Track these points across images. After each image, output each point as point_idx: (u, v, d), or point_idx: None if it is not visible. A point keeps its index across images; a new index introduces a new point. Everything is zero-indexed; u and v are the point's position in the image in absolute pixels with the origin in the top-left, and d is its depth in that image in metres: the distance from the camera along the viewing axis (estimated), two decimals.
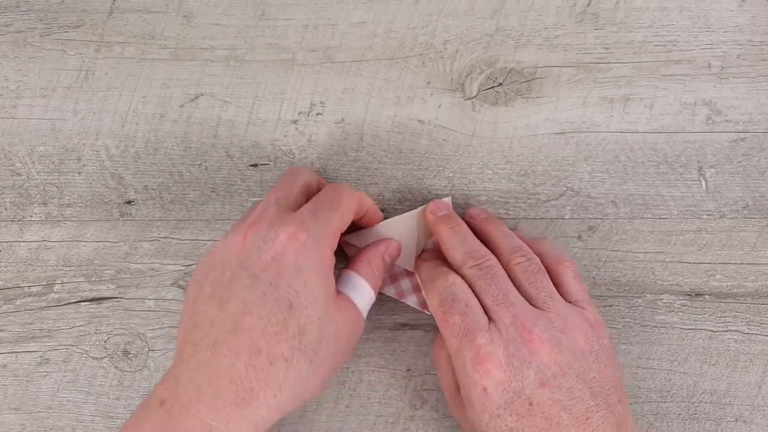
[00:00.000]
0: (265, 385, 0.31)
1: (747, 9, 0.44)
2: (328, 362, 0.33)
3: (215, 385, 0.31)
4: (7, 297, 0.42)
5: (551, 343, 0.33)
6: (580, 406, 0.32)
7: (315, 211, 0.34)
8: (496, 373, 0.33)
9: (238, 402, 0.31)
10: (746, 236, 0.42)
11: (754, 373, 0.41)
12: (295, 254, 0.32)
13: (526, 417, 0.33)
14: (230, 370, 0.31)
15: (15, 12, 0.44)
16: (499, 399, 0.33)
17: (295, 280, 0.32)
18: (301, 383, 0.32)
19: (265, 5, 0.44)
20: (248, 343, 0.31)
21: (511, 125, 0.43)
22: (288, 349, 0.32)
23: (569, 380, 0.33)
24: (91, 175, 0.43)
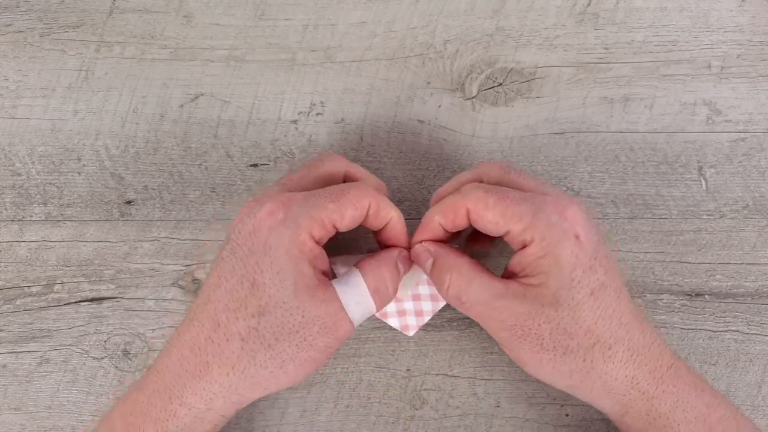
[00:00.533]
0: (220, 361, 0.32)
1: (747, 9, 0.44)
2: (293, 354, 0.32)
3: (180, 353, 0.32)
4: (7, 297, 0.42)
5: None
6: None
7: (310, 195, 0.33)
8: (582, 218, 0.32)
9: (195, 373, 0.32)
10: (746, 236, 0.42)
11: (754, 373, 0.41)
12: (269, 231, 0.32)
13: (609, 270, 0.33)
14: (194, 339, 0.32)
15: (15, 12, 0.44)
16: (589, 247, 0.32)
17: (263, 258, 0.31)
18: (257, 369, 0.32)
19: (265, 5, 0.44)
20: (212, 315, 0.32)
21: (511, 125, 0.43)
22: (245, 328, 0.31)
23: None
24: (91, 175, 0.43)
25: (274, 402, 0.41)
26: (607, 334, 0.32)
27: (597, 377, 0.33)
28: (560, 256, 0.32)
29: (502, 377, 0.42)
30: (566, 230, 0.32)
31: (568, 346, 0.32)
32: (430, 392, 0.41)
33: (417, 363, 0.42)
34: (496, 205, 0.32)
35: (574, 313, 0.32)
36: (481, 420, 0.41)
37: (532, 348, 0.33)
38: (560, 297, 0.32)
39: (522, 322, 0.33)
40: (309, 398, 0.41)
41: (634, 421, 0.34)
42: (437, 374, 0.42)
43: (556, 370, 0.33)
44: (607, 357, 0.32)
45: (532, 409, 0.41)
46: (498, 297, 0.33)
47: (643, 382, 0.33)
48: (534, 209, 0.32)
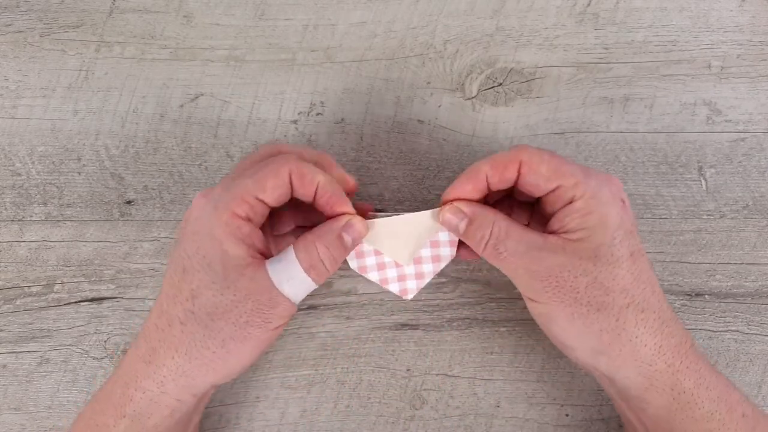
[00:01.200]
0: (165, 345, 0.33)
1: (747, 9, 0.44)
2: (231, 332, 0.32)
3: (136, 342, 0.34)
4: (7, 297, 0.42)
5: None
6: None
7: (233, 177, 0.34)
8: (620, 188, 0.34)
9: (146, 358, 0.33)
10: (746, 236, 0.42)
11: (754, 373, 0.41)
12: (194, 219, 0.33)
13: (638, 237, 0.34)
14: (145, 328, 0.34)
15: (15, 12, 0.44)
16: (632, 214, 0.34)
17: (190, 245, 0.33)
18: (200, 349, 0.32)
19: (265, 5, 0.44)
20: (158, 304, 0.34)
21: (511, 125, 0.43)
22: (182, 312, 0.32)
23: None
24: (91, 175, 0.43)
25: (274, 402, 0.41)
26: (641, 297, 0.33)
27: (627, 340, 0.33)
28: (607, 215, 0.33)
29: (502, 377, 0.42)
30: (614, 193, 0.33)
31: (603, 302, 0.32)
32: (430, 392, 0.41)
33: (417, 363, 0.42)
34: (551, 160, 0.33)
35: (612, 269, 0.32)
36: (481, 420, 0.41)
37: (565, 300, 0.33)
38: (600, 252, 0.32)
39: (558, 273, 0.33)
40: (309, 398, 0.41)
41: (657, 397, 0.33)
42: (437, 374, 0.42)
43: (586, 327, 0.33)
44: (639, 320, 0.32)
45: (532, 409, 0.41)
46: (536, 248, 0.33)
47: (668, 353, 0.33)
48: (584, 171, 0.34)
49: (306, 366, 0.41)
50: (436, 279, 0.42)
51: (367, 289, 0.42)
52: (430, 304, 0.42)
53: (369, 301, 0.42)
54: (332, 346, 0.42)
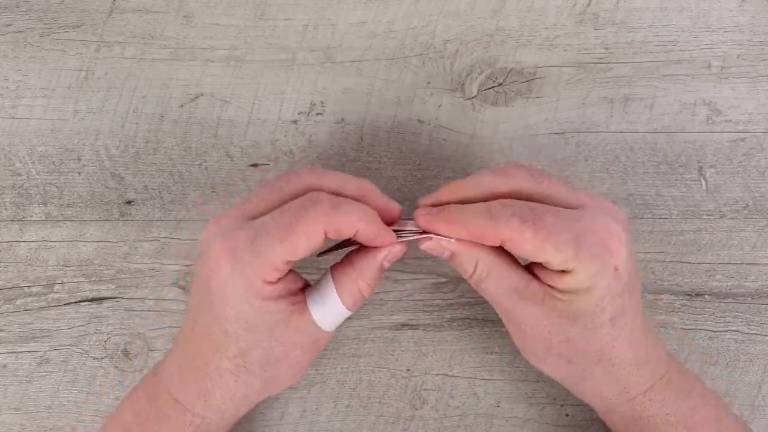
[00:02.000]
0: (220, 390, 0.33)
1: (747, 9, 0.44)
2: (284, 372, 0.34)
3: (183, 375, 0.33)
4: (7, 297, 0.42)
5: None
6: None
7: (257, 235, 0.30)
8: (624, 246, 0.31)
9: (201, 394, 0.33)
10: (746, 236, 0.42)
11: (754, 373, 0.41)
12: (221, 282, 0.31)
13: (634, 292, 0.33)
14: (191, 366, 0.33)
15: (15, 12, 0.44)
16: (624, 276, 0.31)
17: (226, 309, 0.31)
18: (256, 392, 0.34)
19: (265, 5, 0.44)
20: (199, 350, 0.33)
21: (511, 125, 0.43)
22: (233, 366, 0.32)
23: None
24: (91, 175, 0.43)
25: (274, 402, 0.41)
26: (612, 354, 0.33)
27: (591, 385, 0.34)
28: (595, 287, 0.31)
29: (502, 377, 0.42)
30: (606, 262, 0.31)
31: (573, 358, 0.33)
32: (430, 392, 0.41)
33: (417, 363, 0.42)
34: (534, 239, 0.30)
35: (589, 333, 0.32)
36: (481, 420, 0.41)
37: (537, 346, 0.34)
38: (580, 317, 0.32)
39: (534, 323, 0.33)
40: (309, 398, 0.41)
41: (618, 419, 0.35)
42: (437, 374, 0.42)
43: (555, 370, 0.35)
44: (606, 371, 0.33)
45: (532, 409, 0.41)
46: (515, 292, 0.33)
47: (633, 391, 0.34)
48: (575, 239, 0.30)
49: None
50: (436, 279, 0.42)
51: None
52: (430, 304, 0.42)
53: (369, 301, 0.42)
54: (332, 346, 0.42)
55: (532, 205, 0.31)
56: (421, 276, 0.42)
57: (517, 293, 0.33)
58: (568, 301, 0.31)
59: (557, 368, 0.34)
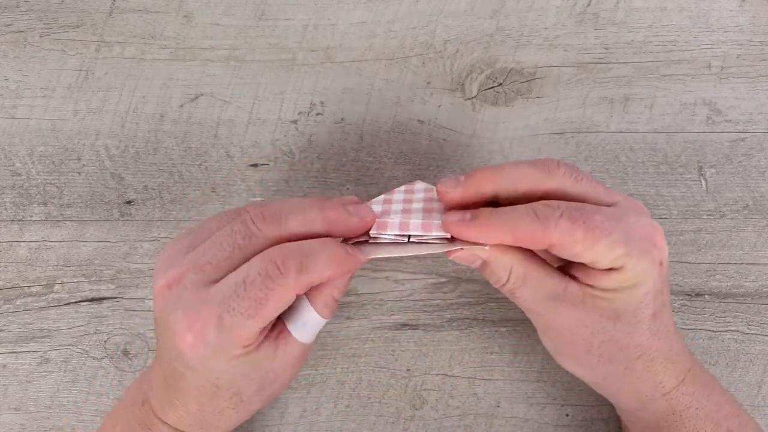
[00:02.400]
0: (220, 420, 0.33)
1: (747, 9, 0.44)
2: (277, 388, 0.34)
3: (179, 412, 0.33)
4: (7, 297, 0.42)
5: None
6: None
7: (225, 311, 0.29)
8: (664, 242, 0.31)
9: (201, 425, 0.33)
10: (746, 236, 0.42)
11: (754, 373, 0.41)
12: (197, 359, 0.30)
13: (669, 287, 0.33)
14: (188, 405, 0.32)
15: (15, 12, 0.44)
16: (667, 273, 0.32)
17: (210, 372, 0.31)
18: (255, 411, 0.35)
19: (265, 5, 0.44)
20: (191, 397, 0.32)
21: (511, 125, 0.43)
22: (231, 404, 0.32)
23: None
24: (91, 175, 0.43)
25: (274, 402, 0.41)
26: (653, 348, 0.33)
27: (629, 382, 0.33)
28: (642, 284, 0.31)
29: (502, 377, 0.42)
30: (655, 258, 0.31)
31: (615, 356, 0.32)
32: (430, 392, 0.41)
33: (417, 363, 0.42)
34: (585, 239, 0.29)
35: (631, 329, 0.32)
36: (481, 420, 0.41)
37: (577, 349, 0.33)
38: (623, 314, 0.31)
39: (574, 327, 0.32)
40: (309, 398, 0.41)
41: (648, 415, 0.35)
42: (437, 374, 0.42)
43: (592, 371, 0.34)
44: (646, 367, 0.33)
45: (532, 409, 0.41)
46: (554, 298, 0.32)
47: (667, 385, 0.34)
48: (625, 238, 0.30)
49: (306, 366, 0.41)
50: (436, 279, 0.42)
51: (367, 289, 0.42)
52: (430, 304, 0.42)
53: (369, 301, 0.42)
54: (332, 346, 0.42)
55: (578, 205, 0.30)
56: (421, 276, 0.42)
57: (556, 298, 0.32)
58: (610, 299, 0.31)
59: (596, 370, 0.33)
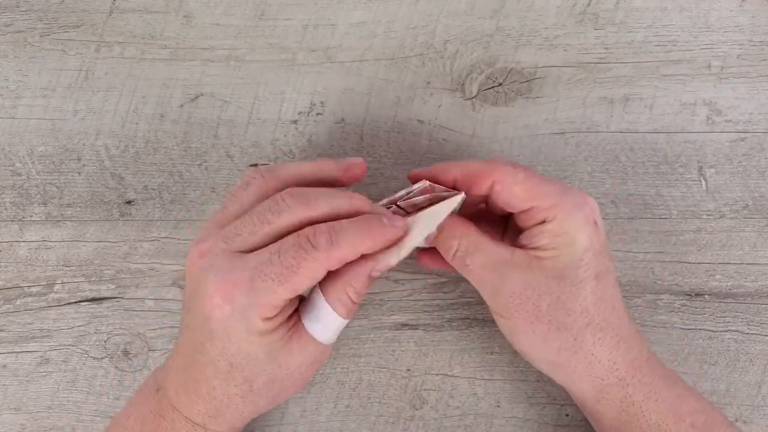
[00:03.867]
0: (228, 410, 0.33)
1: (747, 9, 0.44)
2: (289, 385, 0.34)
3: (191, 396, 0.33)
4: (7, 297, 0.42)
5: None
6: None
7: (257, 275, 0.30)
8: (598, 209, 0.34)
9: (211, 414, 0.33)
10: (746, 236, 0.42)
11: (754, 373, 0.41)
12: (221, 323, 0.31)
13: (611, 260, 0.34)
14: (200, 388, 0.33)
15: (15, 12, 0.44)
16: (603, 235, 0.34)
17: (228, 345, 0.31)
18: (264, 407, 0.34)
19: (265, 5, 0.44)
20: (206, 375, 0.32)
21: (511, 125, 0.43)
22: (240, 391, 0.33)
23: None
24: (91, 175, 0.43)
25: None
26: (600, 317, 0.33)
27: (583, 357, 0.34)
28: (577, 237, 0.33)
29: (502, 377, 0.42)
30: (587, 215, 0.33)
31: (563, 322, 0.33)
32: (430, 392, 0.41)
33: (417, 363, 0.42)
34: (525, 181, 0.33)
35: (576, 290, 0.33)
36: (481, 420, 0.41)
37: (527, 317, 0.33)
38: (566, 273, 0.33)
39: (522, 290, 0.33)
40: (309, 398, 0.41)
41: (608, 408, 0.35)
42: (437, 374, 0.42)
43: (545, 344, 0.34)
44: (596, 339, 0.33)
45: (532, 409, 0.41)
46: (503, 263, 0.34)
47: (622, 368, 0.34)
48: (559, 191, 0.33)
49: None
50: (436, 279, 0.42)
51: None
52: (430, 304, 0.42)
53: (369, 301, 0.42)
54: (332, 346, 0.42)
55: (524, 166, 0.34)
56: (421, 276, 0.42)
57: (504, 263, 0.34)
58: (552, 257, 0.33)
59: (548, 344, 0.34)
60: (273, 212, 0.31)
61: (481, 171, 0.33)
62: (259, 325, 0.31)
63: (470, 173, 0.34)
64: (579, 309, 0.33)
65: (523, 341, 0.35)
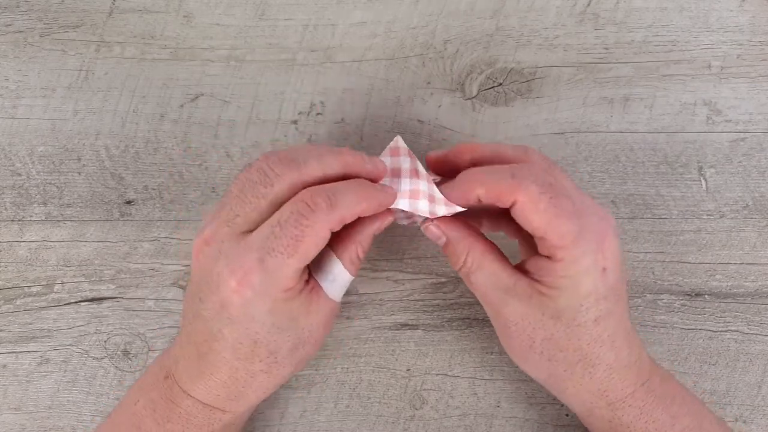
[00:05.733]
0: (252, 389, 0.33)
1: (747, 9, 0.44)
2: (309, 349, 0.34)
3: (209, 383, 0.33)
4: (7, 297, 0.42)
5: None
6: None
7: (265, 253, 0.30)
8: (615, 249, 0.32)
9: (231, 397, 0.33)
10: (746, 236, 0.42)
11: (754, 373, 0.41)
12: (243, 307, 0.31)
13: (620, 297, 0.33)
14: (219, 374, 0.33)
15: (15, 12, 0.44)
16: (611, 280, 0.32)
17: (252, 325, 0.31)
18: (286, 377, 0.35)
19: (265, 5, 0.44)
20: (226, 360, 0.32)
21: (511, 125, 0.43)
22: (265, 366, 0.33)
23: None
24: (91, 175, 0.43)
25: (274, 402, 0.41)
26: (593, 355, 0.33)
27: (572, 385, 0.34)
28: (581, 284, 0.32)
29: (502, 377, 0.42)
30: (597, 262, 0.32)
31: (555, 356, 0.33)
32: (430, 392, 0.41)
33: (417, 363, 0.42)
34: (545, 211, 0.31)
35: (570, 332, 0.33)
36: (481, 420, 0.41)
37: (521, 344, 0.34)
38: (564, 315, 0.32)
39: (519, 320, 0.33)
40: (309, 398, 0.41)
41: (598, 422, 0.35)
42: (437, 374, 0.42)
43: (537, 369, 0.35)
44: (586, 373, 0.33)
45: (532, 409, 0.41)
46: (503, 290, 0.34)
47: (612, 395, 0.34)
48: (578, 231, 0.31)
49: (306, 366, 0.41)
50: (436, 279, 0.42)
51: (367, 289, 0.42)
52: (430, 304, 0.42)
53: (369, 301, 0.42)
54: (332, 346, 0.42)
55: (552, 181, 0.32)
56: (421, 276, 0.42)
57: (506, 290, 0.33)
58: (554, 297, 0.32)
59: (539, 367, 0.35)
60: (264, 184, 0.31)
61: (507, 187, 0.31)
62: (281, 297, 0.31)
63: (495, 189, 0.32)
64: (572, 348, 0.33)
65: (517, 358, 0.36)
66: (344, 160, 0.32)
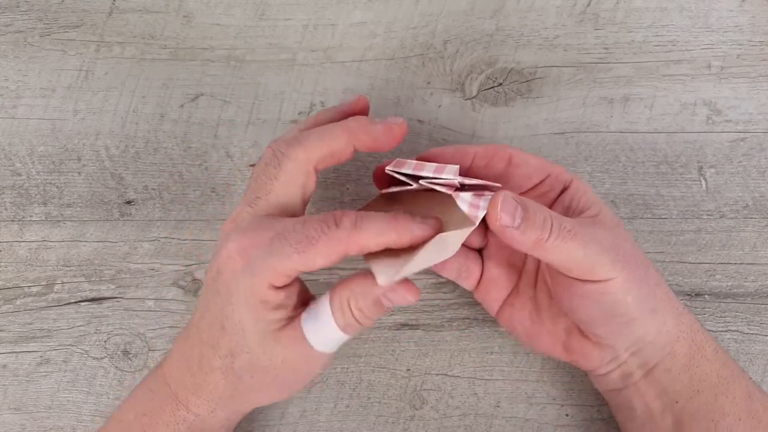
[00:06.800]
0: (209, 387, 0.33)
1: (747, 9, 0.44)
2: (270, 383, 0.33)
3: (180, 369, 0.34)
4: (7, 297, 0.42)
5: None
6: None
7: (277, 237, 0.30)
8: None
9: (193, 390, 0.33)
10: (746, 236, 0.42)
11: (754, 373, 0.41)
12: (229, 277, 0.31)
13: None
14: (189, 361, 0.33)
15: (15, 12, 0.44)
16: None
17: (226, 306, 0.31)
18: (242, 395, 0.33)
19: (265, 5, 0.44)
20: (197, 344, 0.33)
21: (511, 125, 0.43)
22: (222, 365, 0.32)
23: None
24: (91, 175, 0.43)
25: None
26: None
27: (668, 289, 0.35)
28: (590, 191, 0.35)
29: (502, 377, 0.42)
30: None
31: (644, 260, 0.34)
32: (430, 392, 0.41)
33: (417, 363, 0.42)
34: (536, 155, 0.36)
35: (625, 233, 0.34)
36: (481, 420, 0.41)
37: (628, 266, 0.32)
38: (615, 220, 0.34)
39: (612, 241, 0.32)
40: (309, 398, 0.41)
41: (683, 346, 0.34)
42: (437, 374, 0.42)
43: (646, 287, 0.33)
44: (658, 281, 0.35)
45: (532, 409, 0.41)
46: (584, 225, 0.32)
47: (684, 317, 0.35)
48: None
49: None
50: (436, 279, 0.42)
51: None
52: (430, 304, 0.42)
53: None
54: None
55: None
56: (421, 276, 0.42)
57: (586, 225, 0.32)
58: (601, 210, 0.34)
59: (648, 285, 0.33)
60: (274, 166, 0.32)
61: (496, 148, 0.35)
62: (262, 289, 0.30)
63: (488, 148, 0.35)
64: (636, 249, 0.34)
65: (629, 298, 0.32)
66: (348, 129, 0.33)
